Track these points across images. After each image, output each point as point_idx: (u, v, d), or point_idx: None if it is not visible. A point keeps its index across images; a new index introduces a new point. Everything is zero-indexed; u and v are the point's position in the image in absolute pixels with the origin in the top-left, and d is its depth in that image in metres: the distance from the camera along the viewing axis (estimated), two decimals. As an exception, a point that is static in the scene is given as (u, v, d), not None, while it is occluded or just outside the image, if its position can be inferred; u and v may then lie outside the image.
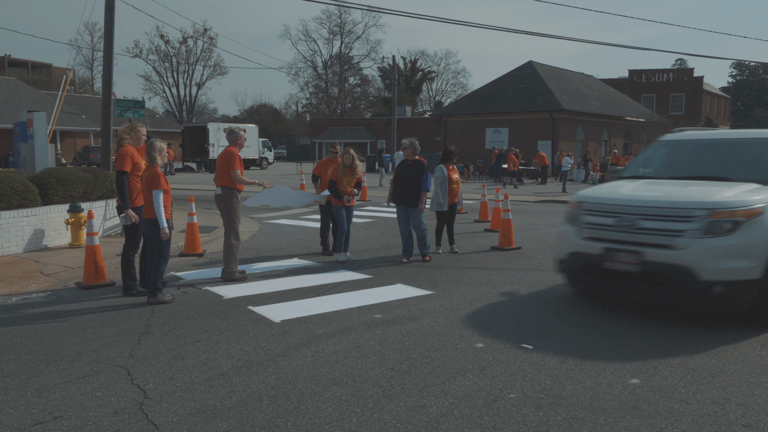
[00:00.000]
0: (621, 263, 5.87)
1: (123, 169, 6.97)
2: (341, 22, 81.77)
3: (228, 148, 7.92)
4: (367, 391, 4.28)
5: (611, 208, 6.13)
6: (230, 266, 7.84)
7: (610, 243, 6.03)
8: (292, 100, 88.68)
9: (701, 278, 5.43)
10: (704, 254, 5.45)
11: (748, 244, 5.44)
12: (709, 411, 3.93)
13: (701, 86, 61.49)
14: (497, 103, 38.17)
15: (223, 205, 7.83)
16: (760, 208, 5.58)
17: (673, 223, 5.66)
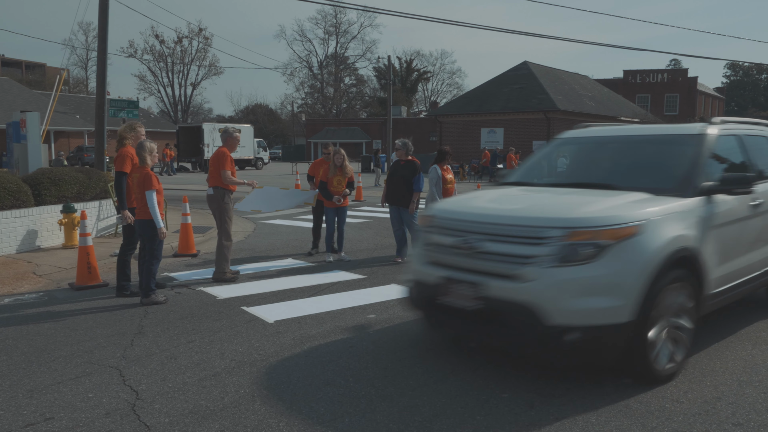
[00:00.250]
0: (458, 297, 4.47)
1: (123, 170, 7.00)
2: (337, 22, 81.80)
3: (220, 148, 7.91)
4: (360, 391, 4.28)
5: (457, 225, 4.71)
6: (222, 266, 7.83)
7: (451, 270, 4.61)
8: (287, 100, 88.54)
9: (551, 321, 4.03)
10: (555, 289, 4.05)
11: (614, 275, 4.06)
12: (700, 410, 3.94)
13: (695, 87, 61.70)
14: (492, 103, 38.24)
15: (215, 205, 7.83)
16: (636, 227, 4.19)
17: (520, 247, 4.25)
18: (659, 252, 4.19)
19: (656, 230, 4.27)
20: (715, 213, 4.85)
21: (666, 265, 4.23)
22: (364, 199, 20.25)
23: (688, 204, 4.66)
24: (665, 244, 4.25)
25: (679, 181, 4.93)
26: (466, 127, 39.16)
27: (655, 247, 4.19)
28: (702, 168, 5.00)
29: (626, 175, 5.38)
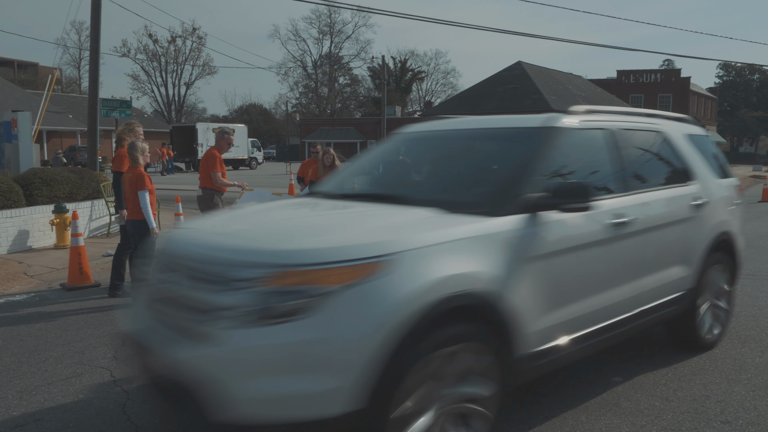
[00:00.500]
0: (151, 361, 3.09)
1: (121, 170, 7.07)
2: (331, 21, 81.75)
3: (210, 149, 7.88)
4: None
5: (170, 257, 3.34)
6: None
7: (153, 321, 3.29)
8: (281, 100, 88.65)
9: (231, 412, 2.67)
10: (239, 362, 2.69)
11: (330, 340, 2.67)
12: (688, 408, 3.97)
13: (688, 87, 62.05)
14: (486, 103, 38.32)
15: (204, 206, 7.80)
16: (379, 264, 2.82)
17: (211, 293, 2.88)
18: (413, 300, 2.78)
19: (416, 267, 2.87)
20: (542, 237, 3.41)
21: (427, 319, 2.82)
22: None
23: (494, 225, 3.26)
24: (428, 287, 2.85)
25: (491, 192, 3.59)
26: (460, 127, 39.20)
27: (405, 293, 2.78)
28: (530, 175, 3.56)
29: (435, 183, 4.33)
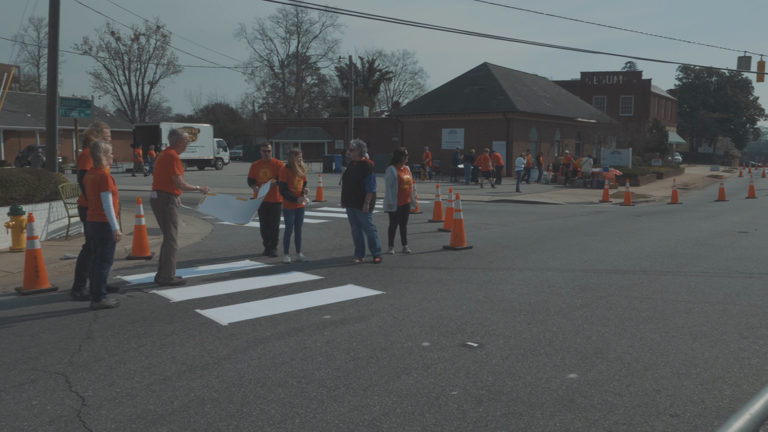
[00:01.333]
0: None
1: (85, 169, 6.95)
2: (298, 21, 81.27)
3: (168, 150, 7.69)
4: (312, 392, 4.29)
5: None
6: (167, 272, 7.63)
7: None
8: (248, 100, 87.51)
9: None
10: None
11: None
12: (640, 402, 4.09)
13: (649, 88, 63.40)
14: (453, 103, 38.57)
15: (159, 209, 7.64)
16: None
17: None
18: None
19: None
20: None
21: None
22: (324, 200, 20.22)
23: None
24: None
25: None
26: (427, 127, 39.40)
27: None
28: None
29: None
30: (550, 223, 14.52)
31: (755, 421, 1.07)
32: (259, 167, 9.90)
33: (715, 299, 6.96)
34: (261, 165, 9.90)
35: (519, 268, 8.82)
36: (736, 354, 5.08)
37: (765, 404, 1.13)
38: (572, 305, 6.67)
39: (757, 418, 1.08)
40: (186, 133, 7.89)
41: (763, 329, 5.77)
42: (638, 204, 21.20)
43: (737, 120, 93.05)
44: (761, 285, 7.69)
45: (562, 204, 20.44)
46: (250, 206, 9.32)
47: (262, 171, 9.82)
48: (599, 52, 52.28)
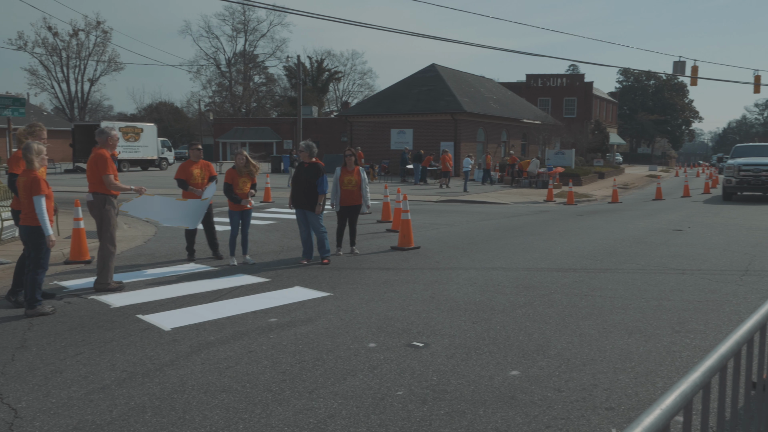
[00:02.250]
0: None
1: (15, 172, 6.69)
2: (245, 19, 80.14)
3: (98, 150, 7.41)
4: (257, 396, 4.26)
5: None
6: (104, 277, 7.39)
7: None
8: (194, 99, 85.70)
9: None
10: None
11: None
12: (578, 397, 4.23)
13: (591, 91, 65.43)
14: (402, 104, 38.83)
15: (96, 212, 7.40)
16: None
17: None
18: None
19: None
20: None
21: None
22: (272, 200, 20.02)
23: None
24: None
25: None
26: (376, 127, 39.53)
27: None
28: None
29: None
30: (496, 222, 14.81)
31: (665, 416, 1.14)
32: (190, 168, 9.50)
33: (650, 295, 7.25)
34: (192, 165, 9.53)
35: (465, 267, 8.97)
36: (668, 348, 5.31)
37: (675, 399, 1.21)
38: (516, 303, 6.83)
39: (667, 413, 1.16)
40: (115, 132, 7.61)
41: (693, 323, 6.06)
42: (581, 203, 21.86)
43: (674, 122, 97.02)
44: (693, 281, 8.06)
45: (508, 204, 20.87)
46: (196, 208, 9.10)
47: (195, 172, 9.46)
48: (544, 56, 54.05)
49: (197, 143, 9.77)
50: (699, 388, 1.47)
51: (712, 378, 1.70)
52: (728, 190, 21.73)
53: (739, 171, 21.14)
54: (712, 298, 7.08)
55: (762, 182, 20.78)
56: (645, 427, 1.10)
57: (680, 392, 1.35)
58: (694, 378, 1.40)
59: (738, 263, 9.33)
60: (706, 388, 1.62)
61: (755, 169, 20.92)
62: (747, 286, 7.75)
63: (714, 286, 7.72)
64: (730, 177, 21.51)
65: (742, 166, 21.17)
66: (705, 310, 6.57)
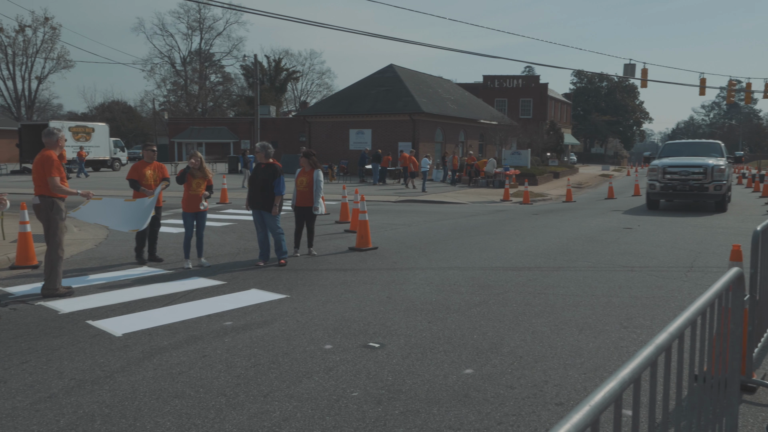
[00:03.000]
0: None
1: None
2: (200, 17, 78.80)
3: (45, 151, 7.14)
4: (210, 401, 4.21)
5: None
6: (52, 282, 7.18)
7: None
8: (147, 98, 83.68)
9: None
10: None
11: None
12: (529, 393, 4.33)
13: (546, 92, 66.75)
14: (360, 104, 38.85)
15: (43, 215, 7.16)
16: None
17: None
18: None
19: None
20: None
21: None
22: (229, 202, 19.77)
23: None
24: None
25: None
26: (334, 127, 39.44)
27: None
28: None
29: None
30: (454, 222, 14.97)
31: (594, 412, 1.19)
32: (143, 168, 9.27)
33: (601, 292, 7.46)
34: (145, 166, 9.30)
35: (422, 267, 9.04)
36: (616, 343, 5.48)
37: (604, 396, 1.27)
38: (471, 303, 6.93)
39: (596, 408, 1.21)
40: (60, 132, 7.37)
41: (641, 319, 6.26)
42: (536, 202, 22.29)
43: (625, 122, 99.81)
44: (641, 277, 8.32)
45: (466, 203, 21.12)
46: (145, 208, 8.88)
47: (148, 173, 9.25)
48: (500, 57, 54.91)
49: (152, 144, 9.54)
50: (629, 383, 1.54)
51: (642, 373, 1.78)
52: (651, 197, 18.18)
53: (664, 173, 17.57)
54: (658, 294, 7.33)
55: (691, 188, 17.18)
56: (574, 423, 1.15)
57: (609, 389, 1.41)
58: (623, 375, 1.46)
59: (684, 260, 9.69)
60: (637, 383, 1.69)
61: (683, 171, 17.29)
62: (691, 282, 8.05)
63: (661, 283, 8.00)
64: (653, 181, 17.86)
65: (667, 167, 17.58)
66: (652, 305, 6.80)
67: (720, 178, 17.13)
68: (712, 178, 17.11)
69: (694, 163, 17.44)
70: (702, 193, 17.21)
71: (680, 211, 17.95)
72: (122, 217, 8.69)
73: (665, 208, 18.72)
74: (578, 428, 1.14)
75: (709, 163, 17.23)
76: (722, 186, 17.10)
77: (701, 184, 17.13)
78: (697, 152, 18.84)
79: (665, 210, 18.31)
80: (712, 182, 17.08)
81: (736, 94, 38.92)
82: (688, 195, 17.46)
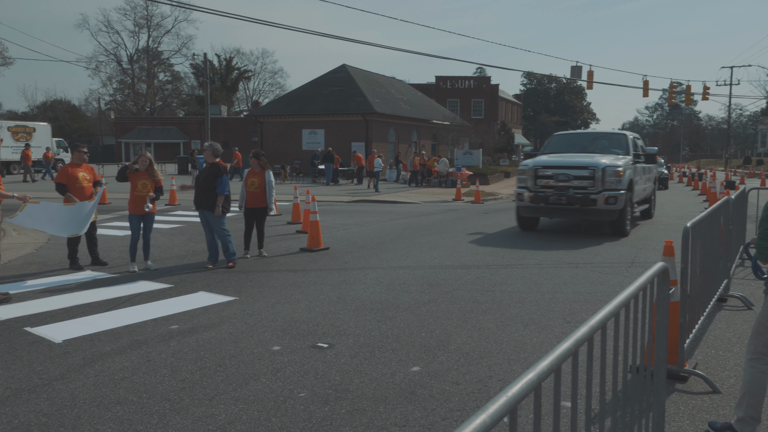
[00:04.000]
0: None
1: None
2: (148, 14, 76.77)
3: None
4: (154, 406, 4.13)
5: None
6: None
7: None
8: (92, 97, 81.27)
9: None
10: None
11: None
12: (474, 389, 4.42)
13: (497, 93, 67.83)
14: (313, 104, 38.65)
15: None
16: None
17: None
18: None
19: None
20: None
21: None
22: (178, 203, 19.38)
23: None
24: None
25: None
26: (287, 128, 39.12)
27: None
28: None
29: None
30: (406, 222, 15.08)
31: (511, 402, 1.24)
32: (74, 171, 8.82)
33: (546, 288, 7.66)
34: (76, 169, 8.87)
35: (373, 267, 9.08)
36: (559, 338, 5.64)
37: (521, 387, 1.32)
38: (420, 301, 7.01)
39: (513, 399, 1.26)
40: None
41: (583, 314, 6.46)
42: (487, 201, 22.65)
43: (574, 123, 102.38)
44: (585, 274, 8.58)
45: (418, 203, 21.29)
46: (83, 213, 8.61)
47: (80, 174, 8.84)
48: (452, 59, 55.75)
49: (82, 145, 9.16)
50: (548, 374, 1.60)
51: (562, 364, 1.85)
52: (521, 212, 12.71)
53: (536, 178, 12.19)
54: (601, 290, 7.57)
55: (570, 200, 11.76)
56: (490, 413, 1.19)
57: (527, 380, 1.47)
58: (530, 377, 1.51)
59: (626, 256, 10.03)
60: (557, 372, 1.75)
61: (562, 175, 11.94)
62: (632, 276, 8.35)
63: (603, 278, 8.27)
64: (522, 189, 12.45)
65: (540, 168, 12.21)
66: (594, 300, 7.02)
67: (616, 185, 11.60)
68: (603, 185, 11.60)
69: (577, 162, 12.01)
70: (587, 209, 11.68)
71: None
72: (61, 221, 8.41)
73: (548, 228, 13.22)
74: (494, 418, 1.19)
75: (601, 163, 11.74)
76: (618, 198, 11.52)
77: (586, 195, 11.62)
78: (591, 146, 13.51)
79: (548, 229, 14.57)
80: (602, 192, 11.57)
81: (677, 96, 40.47)
82: (568, 210, 11.92)
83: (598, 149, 13.25)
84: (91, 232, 9.08)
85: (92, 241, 9.20)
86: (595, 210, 11.74)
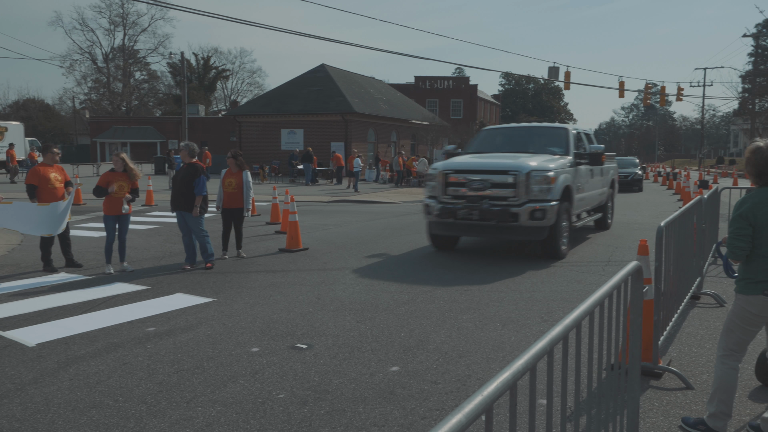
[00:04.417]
0: None
1: None
2: (124, 12, 75.73)
3: None
4: (130, 410, 4.09)
5: None
6: None
7: None
8: (67, 95, 79.81)
9: None
10: None
11: None
12: (452, 388, 4.44)
13: (476, 93, 68.21)
14: (292, 104, 38.50)
15: None
16: None
17: None
18: None
19: None
20: None
21: None
22: (155, 204, 19.16)
23: None
24: None
25: None
26: (266, 127, 38.91)
27: None
28: None
29: None
30: (385, 221, 15.09)
31: (486, 401, 1.26)
32: (45, 171, 8.66)
33: (524, 287, 7.73)
34: (47, 169, 8.71)
35: (352, 267, 9.08)
36: (537, 336, 5.69)
37: (496, 386, 1.34)
38: (399, 301, 7.02)
39: (489, 398, 1.28)
40: None
41: (560, 312, 6.53)
42: (466, 201, 22.73)
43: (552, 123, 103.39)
44: (562, 272, 8.67)
45: (398, 203, 21.32)
46: (58, 213, 8.47)
47: (51, 175, 8.67)
48: (431, 59, 56.06)
49: (53, 145, 9.00)
50: (523, 372, 1.62)
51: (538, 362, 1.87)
52: (432, 228, 10.13)
53: (446, 185, 9.72)
54: (577, 288, 7.66)
55: (484, 214, 9.24)
56: (465, 413, 1.21)
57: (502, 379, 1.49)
58: (505, 376, 1.53)
59: (602, 255, 10.16)
60: (532, 371, 1.78)
61: (477, 182, 9.43)
62: (608, 275, 8.46)
63: (580, 277, 8.36)
64: (431, 199, 9.96)
65: (451, 173, 9.72)
66: (571, 299, 7.10)
67: (544, 194, 9.17)
68: (527, 194, 9.16)
69: (496, 165, 9.55)
70: (506, 226, 9.21)
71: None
72: (36, 220, 8.27)
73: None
74: (470, 417, 1.20)
75: (526, 165, 9.29)
76: (547, 210, 9.06)
77: (505, 207, 9.17)
78: (525, 144, 10.96)
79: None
80: (527, 203, 9.13)
81: (652, 96, 41.12)
82: (484, 228, 9.43)
83: (533, 147, 10.68)
84: (64, 233, 8.94)
85: (66, 242, 9.05)
86: (517, 227, 9.15)
